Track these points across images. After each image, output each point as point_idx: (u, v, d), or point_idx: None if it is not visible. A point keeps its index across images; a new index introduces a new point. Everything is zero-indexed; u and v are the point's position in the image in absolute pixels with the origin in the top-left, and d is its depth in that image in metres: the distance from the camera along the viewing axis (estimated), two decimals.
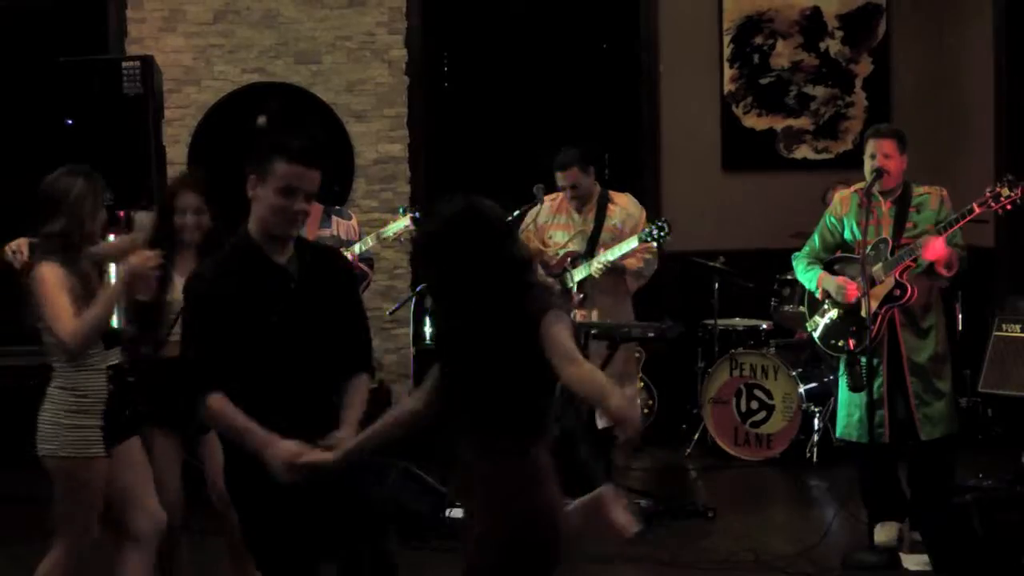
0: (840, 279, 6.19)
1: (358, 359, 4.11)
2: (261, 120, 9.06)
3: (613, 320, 7.20)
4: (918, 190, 6.19)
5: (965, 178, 8.43)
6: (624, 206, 7.34)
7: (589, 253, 7.25)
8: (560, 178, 7.26)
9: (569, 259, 7.30)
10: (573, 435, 7.16)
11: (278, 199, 3.86)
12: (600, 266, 7.11)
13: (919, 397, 6.07)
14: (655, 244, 7.05)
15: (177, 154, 8.81)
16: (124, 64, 7.51)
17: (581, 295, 7.24)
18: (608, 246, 7.18)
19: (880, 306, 6.05)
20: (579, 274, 7.22)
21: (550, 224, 7.39)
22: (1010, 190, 5.83)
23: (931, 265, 5.95)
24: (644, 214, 7.37)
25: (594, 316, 7.22)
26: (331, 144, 8.96)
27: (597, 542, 6.49)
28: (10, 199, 8.97)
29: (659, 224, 6.98)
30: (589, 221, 7.32)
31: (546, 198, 7.38)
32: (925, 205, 6.13)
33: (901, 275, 6.01)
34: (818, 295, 6.35)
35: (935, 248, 5.89)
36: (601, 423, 7.22)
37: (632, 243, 7.05)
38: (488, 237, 3.53)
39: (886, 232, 6.12)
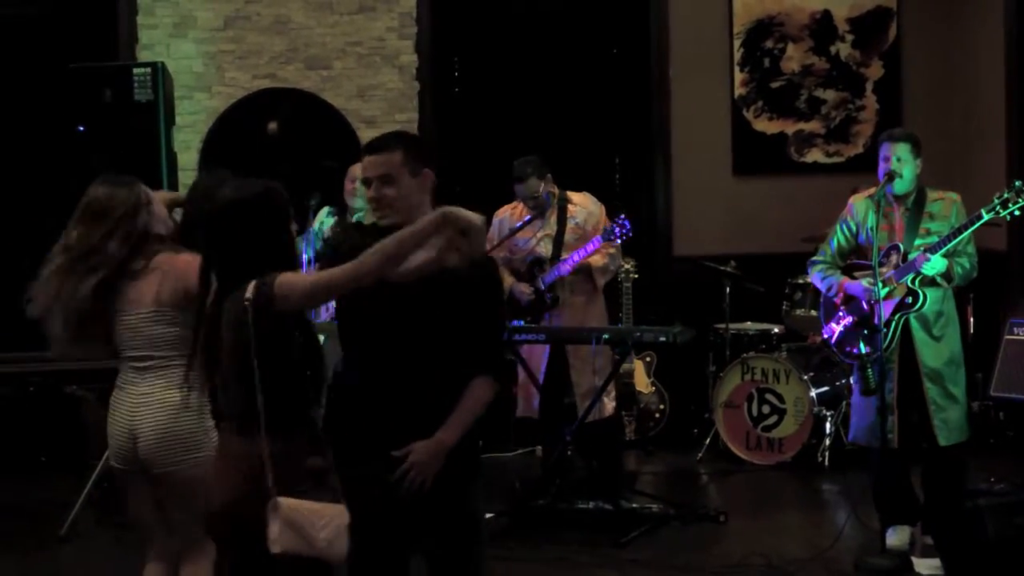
0: (865, 281, 6.16)
1: (478, 360, 4.01)
2: (272, 126, 9.08)
3: (586, 318, 7.23)
4: (932, 196, 6.16)
5: (977, 181, 8.42)
6: (584, 205, 7.37)
7: (556, 255, 7.27)
8: (520, 189, 7.27)
9: (536, 265, 7.33)
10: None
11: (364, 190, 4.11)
12: (569, 267, 7.16)
13: (936, 403, 6.05)
14: (616, 241, 7.08)
15: (188, 160, 8.83)
16: (135, 70, 7.54)
17: (551, 296, 7.27)
18: (573, 246, 7.21)
19: (892, 313, 6.04)
20: (549, 277, 7.25)
21: (515, 232, 7.39)
22: (1018, 196, 5.81)
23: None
24: (603, 210, 7.39)
25: (567, 316, 7.26)
26: (341, 150, 8.97)
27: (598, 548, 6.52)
28: (22, 204, 9.04)
29: (619, 221, 7.01)
30: (552, 224, 7.35)
31: (506, 208, 7.43)
32: (939, 213, 6.10)
33: (912, 282, 6.00)
34: (837, 300, 6.34)
35: (932, 264, 5.89)
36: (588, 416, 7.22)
37: (595, 242, 7.09)
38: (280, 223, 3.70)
39: (899, 238, 6.10)
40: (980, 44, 9.13)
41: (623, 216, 7.11)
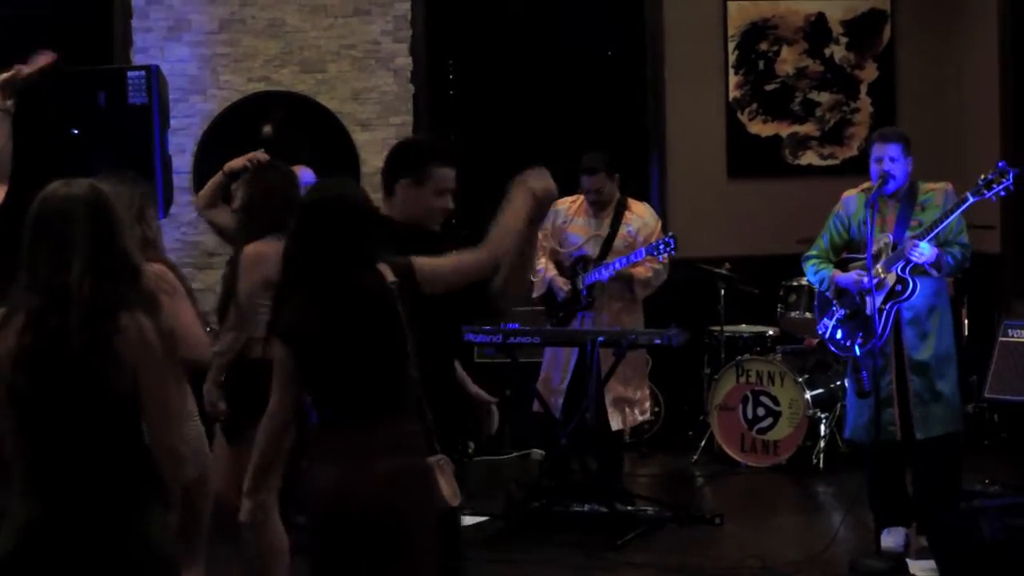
0: (855, 273, 6.18)
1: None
2: (267, 129, 9.07)
3: (622, 325, 7.23)
4: (924, 187, 6.21)
5: (970, 182, 8.40)
6: (641, 215, 7.38)
7: (601, 258, 7.27)
8: (586, 182, 7.28)
9: (580, 263, 7.33)
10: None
11: (433, 199, 4.26)
12: (610, 272, 7.16)
13: (918, 396, 6.08)
14: (659, 257, 7.10)
15: (183, 163, 8.82)
16: (129, 73, 7.52)
17: (590, 299, 7.27)
18: (621, 253, 7.22)
19: (883, 302, 6.05)
20: (590, 278, 7.25)
21: (567, 226, 7.42)
22: (1001, 177, 5.84)
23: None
24: (660, 224, 7.43)
25: (603, 320, 7.26)
26: (336, 153, 8.97)
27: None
28: (15, 207, 9.02)
29: (666, 240, 7.03)
30: (605, 227, 7.35)
31: (566, 199, 7.41)
32: (931, 202, 6.14)
33: (903, 271, 6.02)
34: (830, 294, 6.35)
35: (920, 251, 5.91)
36: (615, 424, 7.25)
37: (639, 253, 7.11)
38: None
39: (890, 230, 6.13)
40: (974, 46, 9.14)
41: (671, 234, 7.13)
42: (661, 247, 7.06)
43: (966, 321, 8.43)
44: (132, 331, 3.21)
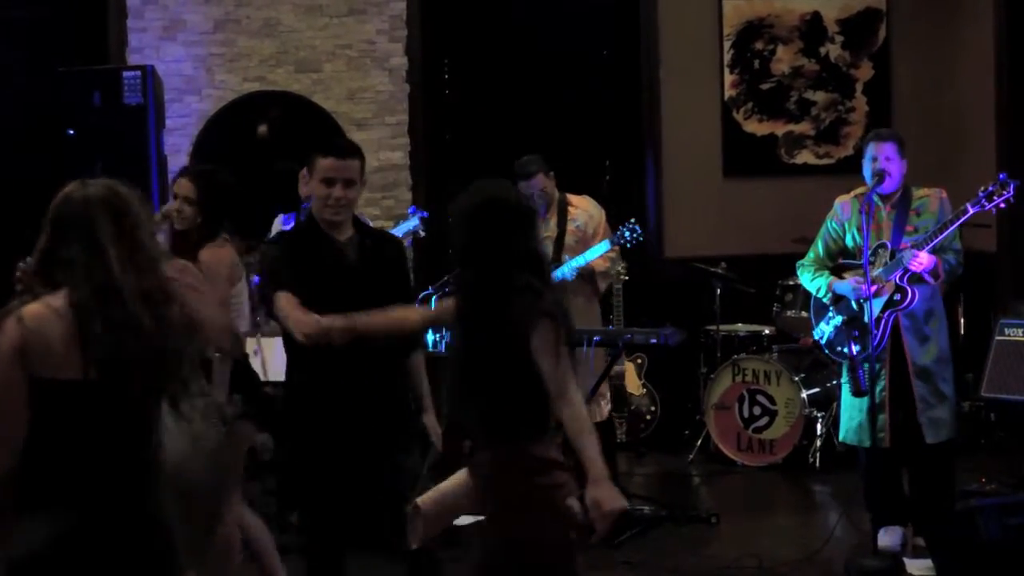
0: (853, 280, 6.18)
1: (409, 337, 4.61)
2: (262, 129, 9.07)
3: (588, 321, 7.20)
4: (918, 193, 6.21)
5: (966, 181, 8.41)
6: (584, 208, 7.33)
7: (556, 258, 7.23)
8: (526, 187, 7.21)
9: None
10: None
11: (320, 188, 4.53)
12: (573, 270, 7.12)
13: (924, 401, 6.07)
14: (627, 246, 7.07)
15: (178, 163, 8.78)
16: (125, 74, 7.54)
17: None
18: (573, 249, 7.16)
19: (882, 310, 6.05)
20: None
21: None
22: (1003, 189, 5.85)
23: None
24: (604, 214, 7.36)
25: None
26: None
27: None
28: (10, 208, 9.01)
29: (630, 227, 6.99)
30: (552, 226, 7.30)
31: None
32: (925, 207, 6.14)
33: (901, 279, 6.02)
34: (827, 300, 6.35)
35: (920, 260, 5.91)
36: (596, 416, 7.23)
37: (604, 246, 7.06)
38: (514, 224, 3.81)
39: (887, 236, 6.13)
40: (969, 44, 9.13)
41: (633, 220, 7.09)
42: (626, 235, 7.02)
43: (962, 320, 8.43)
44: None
